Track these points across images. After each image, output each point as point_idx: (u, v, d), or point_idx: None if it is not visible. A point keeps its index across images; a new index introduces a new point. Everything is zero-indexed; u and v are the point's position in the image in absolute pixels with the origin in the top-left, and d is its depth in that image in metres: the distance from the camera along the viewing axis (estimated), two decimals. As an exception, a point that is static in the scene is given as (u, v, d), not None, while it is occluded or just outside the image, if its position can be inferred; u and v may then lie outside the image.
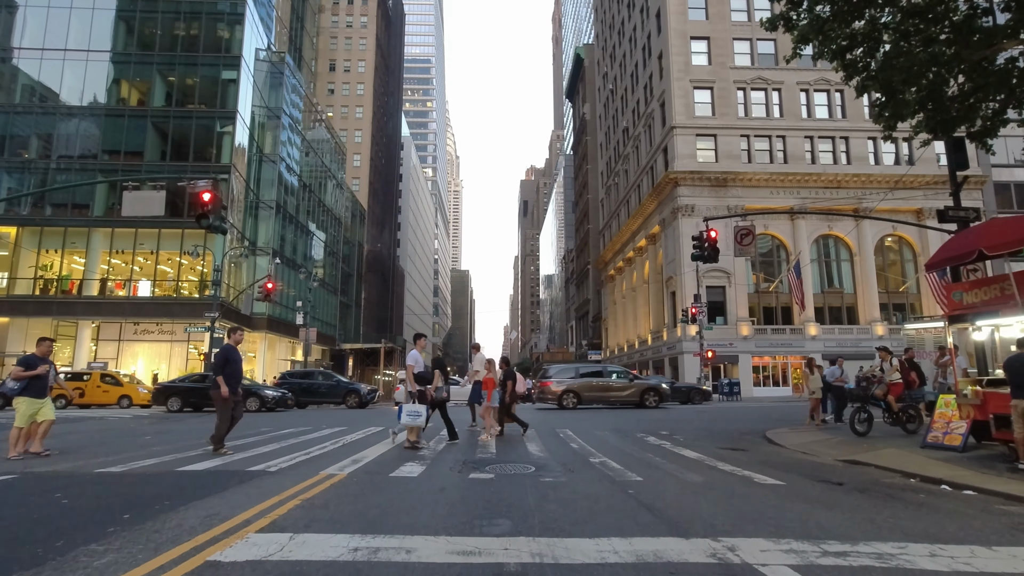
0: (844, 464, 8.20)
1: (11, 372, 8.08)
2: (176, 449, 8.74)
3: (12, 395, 8.09)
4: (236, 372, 8.37)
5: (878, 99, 11.33)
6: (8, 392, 8.21)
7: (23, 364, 8.12)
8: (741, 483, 6.23)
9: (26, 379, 8.01)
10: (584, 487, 5.86)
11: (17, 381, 8.01)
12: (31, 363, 8.15)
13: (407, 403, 8.93)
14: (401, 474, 6.39)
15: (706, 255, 15.66)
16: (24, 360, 8.20)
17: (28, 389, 8.03)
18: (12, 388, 8.05)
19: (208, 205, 11.62)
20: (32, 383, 8.06)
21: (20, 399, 8.03)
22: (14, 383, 8.03)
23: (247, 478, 5.94)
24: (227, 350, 8.43)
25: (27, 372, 7.99)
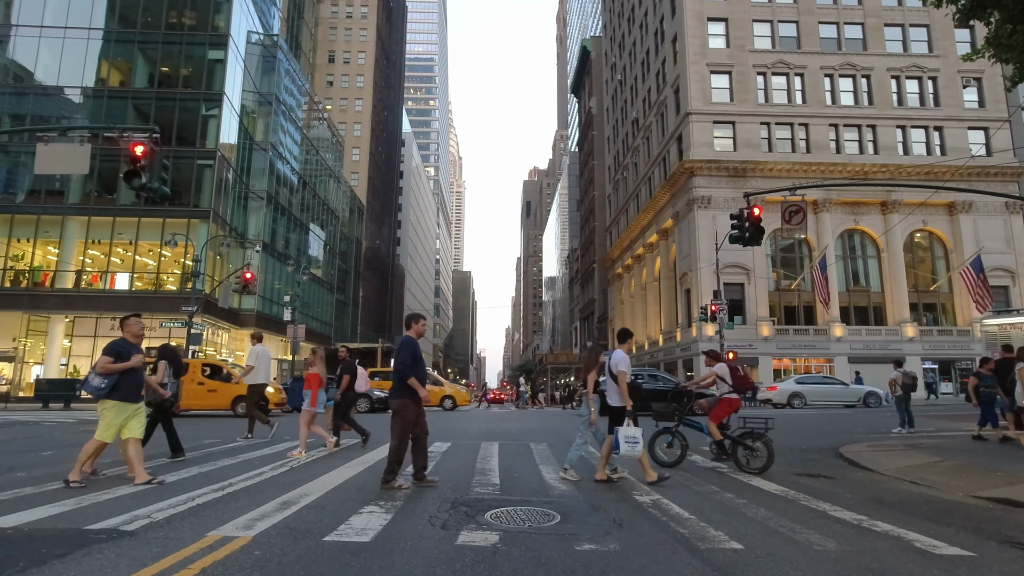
0: (992, 504, 5.77)
1: (97, 363, 5.60)
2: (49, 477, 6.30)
3: (98, 396, 5.62)
4: (420, 374, 5.89)
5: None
6: (93, 392, 5.59)
7: (112, 353, 5.62)
8: (900, 553, 3.83)
9: (116, 374, 5.58)
10: (651, 564, 3.46)
11: (105, 377, 5.56)
12: (122, 351, 5.66)
13: (625, 426, 6.04)
14: (344, 536, 3.93)
15: (748, 236, 13.24)
16: (113, 347, 5.66)
17: (118, 389, 5.61)
18: (98, 386, 5.55)
19: (141, 160, 9.24)
20: (123, 379, 5.64)
21: (108, 403, 5.61)
22: (101, 380, 5.56)
23: (70, 549, 3.49)
24: (412, 345, 5.93)
25: (118, 364, 5.55)
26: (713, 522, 4.54)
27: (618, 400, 6.25)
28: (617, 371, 6.24)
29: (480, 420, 18.18)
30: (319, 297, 49.47)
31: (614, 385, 6.29)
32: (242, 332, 37.32)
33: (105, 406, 5.63)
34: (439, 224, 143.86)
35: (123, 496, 5.17)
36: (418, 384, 5.69)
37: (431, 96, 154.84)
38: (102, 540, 3.71)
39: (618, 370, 6.23)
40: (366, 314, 67.94)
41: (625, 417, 6.11)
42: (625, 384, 6.20)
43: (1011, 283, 34.47)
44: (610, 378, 6.35)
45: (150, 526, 4.09)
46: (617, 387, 6.23)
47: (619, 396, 6.23)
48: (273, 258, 39.56)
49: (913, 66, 37.09)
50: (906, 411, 12.56)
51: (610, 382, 6.37)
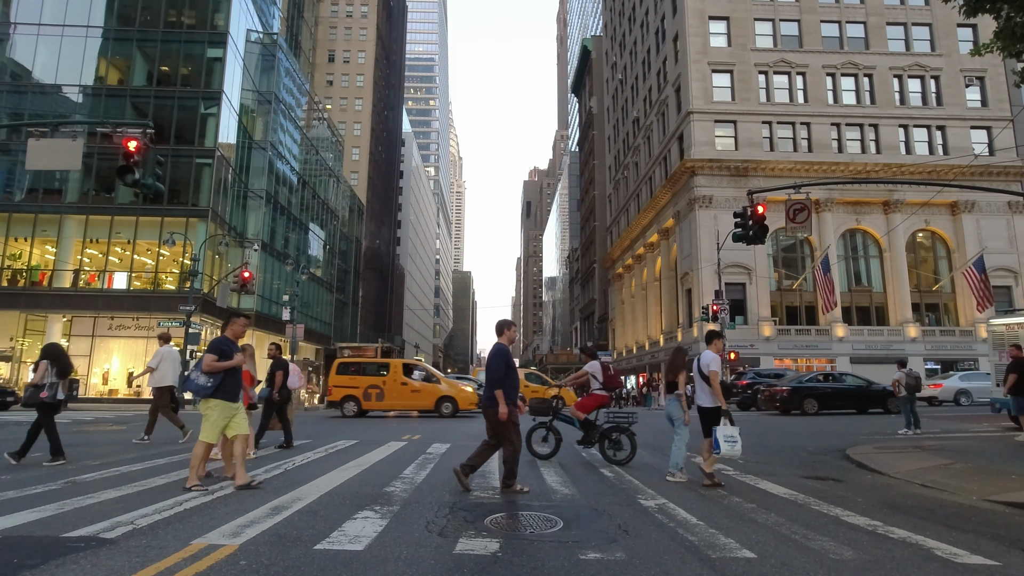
0: (1009, 508, 5.59)
1: (202, 362, 5.49)
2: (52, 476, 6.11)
3: (203, 395, 5.49)
4: (514, 383, 5.81)
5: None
6: (197, 391, 5.48)
7: (216, 351, 5.53)
8: (920, 562, 3.65)
9: (221, 373, 5.46)
10: (659, 575, 3.27)
11: (211, 376, 5.44)
12: (225, 350, 5.57)
13: (721, 425, 6.02)
14: (336, 544, 3.74)
15: (752, 234, 13.04)
16: (217, 345, 5.57)
17: (222, 388, 5.49)
18: (204, 385, 5.43)
19: (134, 155, 9.05)
20: (227, 378, 5.54)
21: (212, 402, 5.49)
22: (207, 379, 5.44)
23: (44, 559, 3.28)
24: (505, 353, 5.87)
25: (223, 363, 5.46)
26: (723, 528, 4.36)
27: (710, 401, 6.24)
28: (709, 372, 6.22)
29: (481, 421, 17.98)
30: (318, 297, 49.28)
31: (706, 386, 6.26)
32: (241, 332, 37.16)
33: (209, 406, 5.50)
34: (439, 224, 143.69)
35: (107, 500, 4.98)
36: (501, 398, 5.61)
37: (431, 96, 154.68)
38: (80, 549, 3.52)
39: (710, 371, 6.22)
40: (366, 314, 67.75)
41: (721, 417, 6.10)
42: (719, 384, 6.22)
43: (1014, 283, 34.30)
44: (701, 379, 6.32)
45: (132, 533, 3.90)
46: (709, 388, 6.22)
47: (711, 397, 6.23)
48: (272, 257, 39.38)
49: (915, 65, 36.91)
50: (911, 412, 12.37)
51: (701, 383, 6.32)
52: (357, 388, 18.68)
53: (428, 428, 13.81)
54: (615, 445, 7.96)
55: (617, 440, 7.98)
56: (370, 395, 18.40)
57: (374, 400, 18.46)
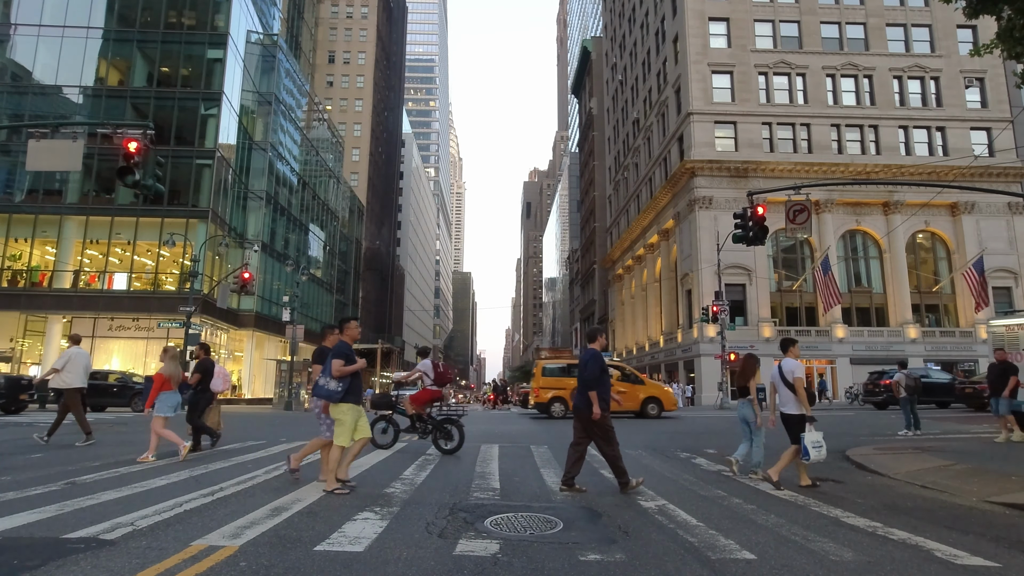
0: (1009, 510, 5.59)
1: (331, 367, 5.50)
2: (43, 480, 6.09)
3: (334, 400, 5.52)
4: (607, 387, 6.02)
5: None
6: (329, 396, 5.53)
7: (342, 356, 5.53)
8: (921, 563, 3.65)
9: (348, 377, 5.53)
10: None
11: (340, 381, 5.48)
12: (349, 354, 5.61)
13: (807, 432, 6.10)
14: (336, 545, 3.73)
15: (752, 235, 13.05)
16: (341, 351, 5.59)
17: (350, 391, 5.56)
18: (335, 390, 5.48)
19: (134, 156, 9.05)
20: (353, 383, 5.61)
21: (344, 407, 5.53)
22: (337, 384, 5.47)
23: (44, 560, 3.27)
24: (600, 358, 6.01)
25: (350, 367, 5.50)
26: (723, 530, 4.35)
27: (796, 408, 6.28)
28: (794, 379, 6.27)
29: (481, 422, 18.00)
30: (318, 298, 49.29)
31: (790, 393, 6.30)
32: (241, 332, 37.18)
33: (341, 410, 5.56)
34: (439, 225, 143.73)
35: (108, 502, 4.97)
36: (595, 400, 5.82)
37: (431, 97, 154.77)
38: (79, 550, 3.51)
39: (795, 377, 6.27)
40: (366, 315, 67.75)
41: (806, 423, 6.15)
42: (803, 391, 6.25)
43: (1014, 284, 34.30)
44: (785, 386, 6.34)
45: (132, 534, 3.90)
46: (794, 395, 6.26)
47: (797, 404, 6.27)
48: (272, 258, 39.39)
49: (915, 66, 36.94)
50: (912, 413, 12.38)
51: (785, 390, 6.35)
52: (564, 390, 18.81)
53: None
54: (446, 435, 8.83)
55: (448, 431, 8.86)
56: None
57: None
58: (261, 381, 39.46)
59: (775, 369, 6.52)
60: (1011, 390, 10.66)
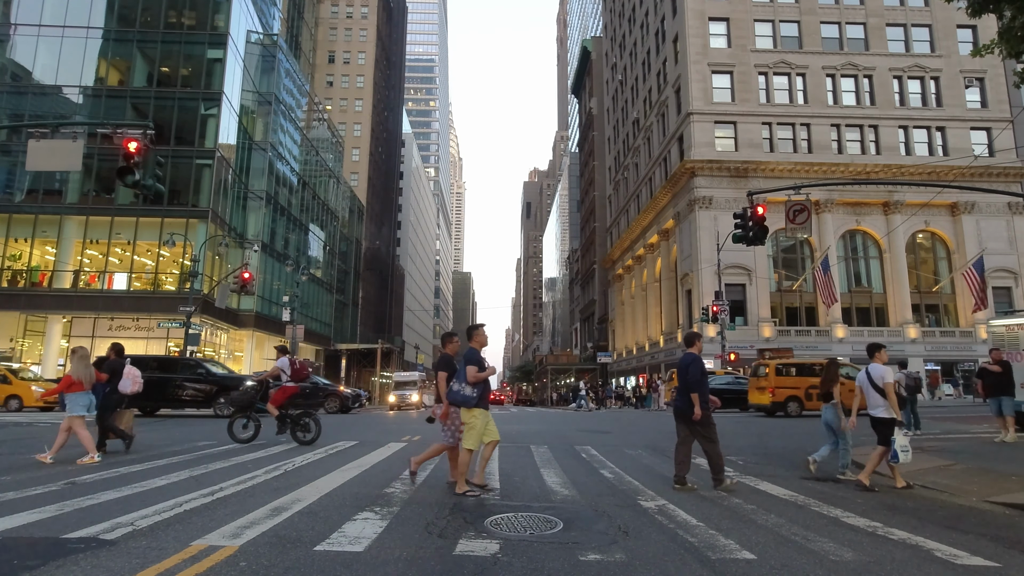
0: (1009, 510, 5.60)
1: (466, 374, 5.68)
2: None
3: (469, 406, 5.68)
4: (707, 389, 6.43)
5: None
6: (464, 402, 5.69)
7: (475, 362, 5.68)
8: (921, 563, 3.65)
9: (482, 383, 5.73)
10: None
11: (474, 386, 5.65)
12: (481, 360, 5.78)
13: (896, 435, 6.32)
14: (336, 545, 3.74)
15: (752, 235, 13.05)
16: (474, 358, 5.75)
17: (482, 397, 5.73)
18: (471, 396, 5.65)
19: (134, 156, 9.05)
20: (484, 388, 5.81)
21: (476, 411, 5.67)
22: (471, 389, 5.63)
23: (44, 560, 3.28)
24: (701, 362, 6.39)
25: (483, 373, 5.67)
26: (723, 530, 4.36)
27: (885, 412, 6.46)
28: (884, 384, 6.44)
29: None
30: (318, 298, 49.28)
31: (879, 397, 6.47)
32: (240, 332, 37.17)
33: (474, 415, 5.68)
34: (439, 225, 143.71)
35: (108, 502, 4.98)
36: (697, 401, 6.18)
37: (431, 97, 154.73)
38: (79, 550, 3.52)
39: (885, 383, 6.44)
40: (366, 315, 67.76)
41: (895, 428, 6.37)
42: (894, 396, 6.45)
43: (1014, 284, 34.31)
44: (875, 391, 6.52)
45: (132, 534, 3.90)
46: (884, 400, 6.44)
47: (886, 408, 6.44)
48: (272, 258, 39.39)
49: (915, 66, 36.95)
50: (912, 413, 12.39)
51: (874, 394, 6.53)
52: (798, 388, 19.51)
53: (429, 429, 13.80)
54: (303, 428, 9.46)
55: (306, 424, 9.49)
56: (811, 395, 19.02)
57: (815, 400, 18.88)
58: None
59: (862, 373, 6.70)
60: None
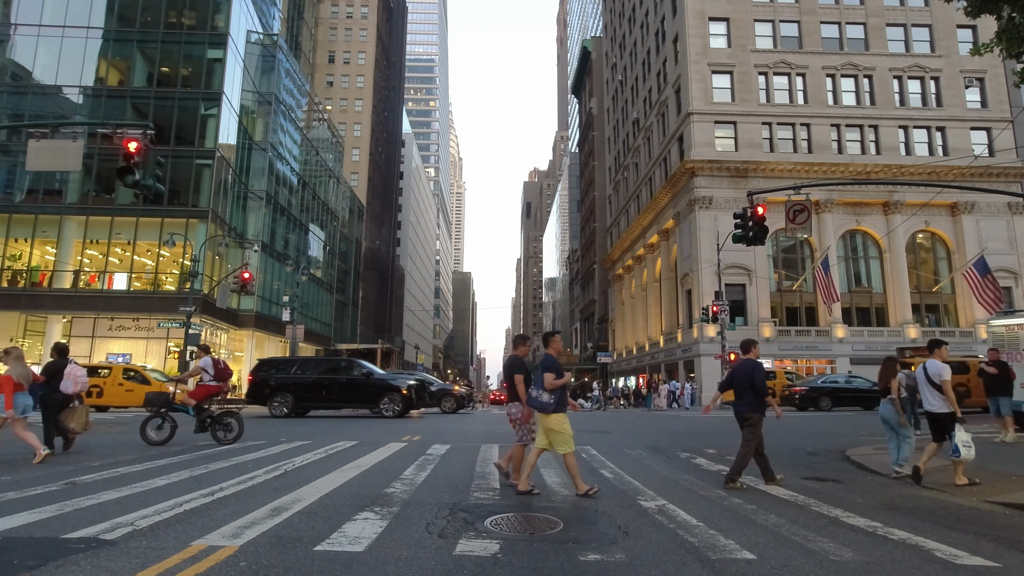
0: (1009, 510, 5.60)
1: (544, 381, 5.85)
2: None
3: (548, 411, 5.86)
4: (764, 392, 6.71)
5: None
6: (543, 408, 5.88)
7: (552, 369, 5.89)
8: (921, 563, 3.65)
9: (559, 389, 5.91)
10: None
11: (552, 392, 5.82)
12: (558, 367, 6.01)
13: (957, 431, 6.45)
14: (336, 545, 3.74)
15: (752, 235, 13.05)
16: (551, 364, 5.95)
17: (560, 402, 5.92)
18: (549, 402, 5.85)
19: (134, 156, 9.05)
20: (561, 393, 5.96)
21: (558, 416, 5.87)
22: (550, 396, 5.83)
23: (44, 560, 3.28)
24: (762, 367, 6.78)
25: (560, 380, 5.88)
26: (723, 530, 4.36)
27: (942, 407, 6.63)
28: (942, 381, 6.59)
29: (481, 422, 17.98)
30: (318, 298, 49.29)
31: (936, 393, 6.66)
32: (241, 333, 37.17)
33: (556, 420, 5.83)
34: (439, 225, 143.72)
35: (108, 502, 4.98)
36: (775, 404, 6.57)
37: (431, 97, 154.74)
38: (79, 550, 3.52)
39: (942, 380, 6.60)
40: (366, 315, 67.78)
41: (955, 423, 6.50)
42: (951, 392, 6.60)
43: (1014, 284, 34.30)
44: (932, 387, 6.70)
45: (132, 535, 3.90)
46: (942, 395, 6.61)
47: (943, 403, 6.61)
48: (272, 258, 39.40)
49: (915, 66, 36.94)
50: (912, 413, 12.37)
51: (930, 390, 6.71)
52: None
53: (428, 429, 13.81)
54: (225, 428, 9.57)
55: (228, 423, 9.61)
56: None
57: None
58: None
59: (919, 370, 6.86)
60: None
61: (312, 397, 17.85)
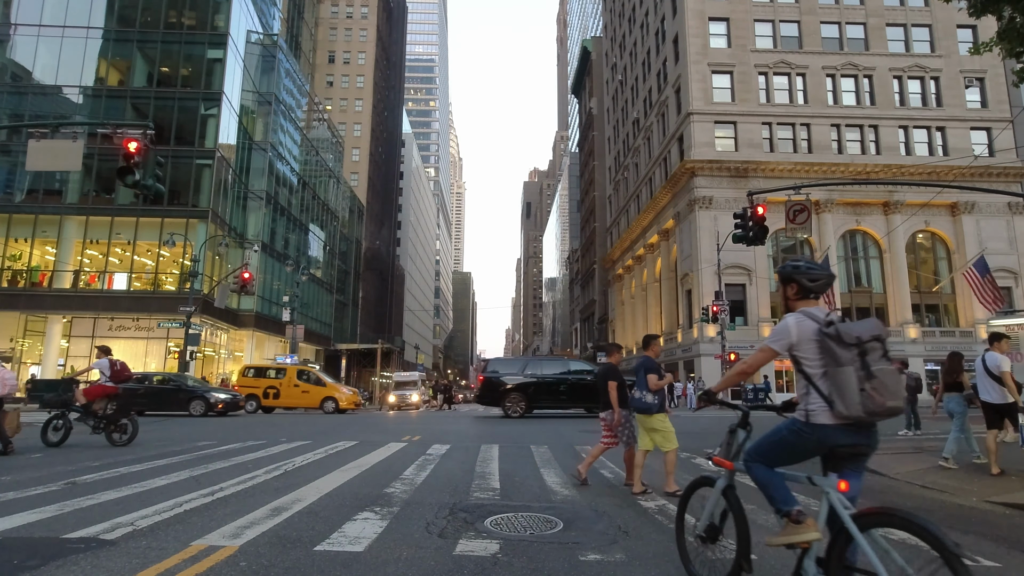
0: (1010, 510, 5.59)
1: (648, 382, 6.06)
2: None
3: (652, 412, 6.09)
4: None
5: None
6: (647, 408, 6.09)
7: (655, 370, 6.12)
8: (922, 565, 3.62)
9: (661, 389, 6.16)
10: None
11: (655, 393, 6.09)
12: (658, 369, 6.20)
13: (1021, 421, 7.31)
14: (336, 545, 3.74)
15: (752, 235, 13.05)
16: (653, 366, 6.18)
17: (662, 404, 6.18)
18: (653, 403, 6.08)
19: (134, 156, 9.05)
20: (661, 395, 6.22)
21: (660, 416, 6.10)
22: (653, 396, 6.07)
23: (44, 560, 3.28)
24: None
25: (663, 381, 6.12)
26: (723, 530, 4.35)
27: (1000, 397, 6.90)
28: (1001, 372, 6.81)
29: (481, 422, 17.98)
30: (318, 298, 49.29)
31: (995, 383, 6.90)
32: (241, 333, 37.19)
33: (659, 420, 6.05)
34: (439, 225, 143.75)
35: (108, 502, 4.98)
36: None
37: (431, 97, 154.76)
38: (79, 550, 3.52)
39: (1002, 371, 6.80)
40: (366, 315, 67.77)
41: (1017, 413, 6.95)
42: (1012, 382, 6.83)
43: (1014, 284, 34.31)
44: (990, 378, 6.93)
45: (132, 535, 3.90)
46: (1002, 386, 6.85)
47: (1001, 394, 6.87)
48: (272, 258, 39.39)
49: (915, 66, 36.95)
50: (912, 412, 12.40)
51: (989, 381, 6.94)
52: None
53: (428, 429, 13.82)
54: (120, 429, 9.61)
55: (123, 424, 9.64)
56: None
57: None
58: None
59: (978, 361, 7.06)
60: None
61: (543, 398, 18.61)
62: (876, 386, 2.39)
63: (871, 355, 2.43)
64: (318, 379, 22.89)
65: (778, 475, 2.83)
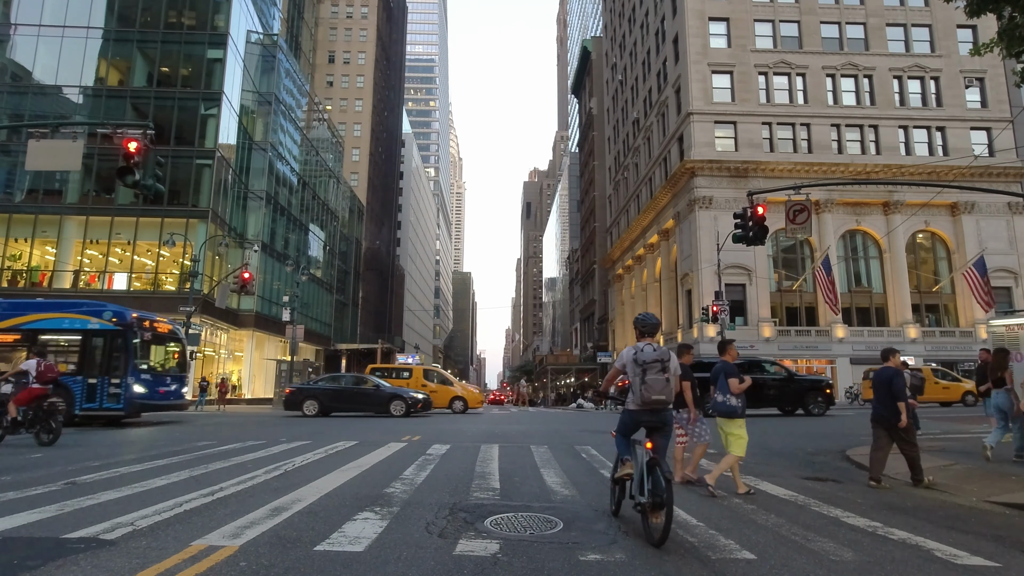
0: (1009, 510, 5.60)
1: (729, 386, 6.24)
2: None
3: (736, 416, 6.24)
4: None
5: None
6: (731, 412, 6.25)
7: (735, 375, 6.27)
8: (921, 563, 3.65)
9: (743, 393, 6.34)
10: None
11: (738, 397, 6.25)
12: (737, 373, 6.37)
13: None
14: (336, 545, 3.74)
15: (752, 235, 13.05)
16: (732, 370, 6.33)
17: (744, 407, 6.38)
18: (736, 407, 6.20)
19: (134, 156, 9.05)
20: (743, 399, 6.43)
21: (739, 420, 6.20)
22: (737, 400, 6.20)
23: (44, 560, 3.28)
24: (901, 373, 7.02)
25: (743, 385, 6.26)
26: (722, 530, 4.36)
27: None
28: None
29: (481, 422, 17.98)
30: (318, 298, 49.28)
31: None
32: (241, 333, 37.18)
33: (739, 423, 6.15)
34: (439, 225, 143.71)
35: (108, 502, 4.98)
36: (904, 409, 6.78)
37: (431, 97, 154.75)
38: (79, 550, 3.52)
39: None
40: (366, 315, 67.76)
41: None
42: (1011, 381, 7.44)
43: (1014, 284, 34.31)
44: None
45: (132, 534, 3.90)
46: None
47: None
48: (272, 258, 39.39)
49: (915, 66, 36.94)
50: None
51: None
52: None
53: (428, 429, 13.82)
54: (47, 429, 9.57)
55: (48, 426, 9.60)
56: None
57: None
58: (261, 381, 39.49)
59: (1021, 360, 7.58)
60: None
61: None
62: (646, 388, 4.13)
63: (650, 371, 4.16)
64: (444, 379, 23.17)
65: (623, 440, 4.47)
